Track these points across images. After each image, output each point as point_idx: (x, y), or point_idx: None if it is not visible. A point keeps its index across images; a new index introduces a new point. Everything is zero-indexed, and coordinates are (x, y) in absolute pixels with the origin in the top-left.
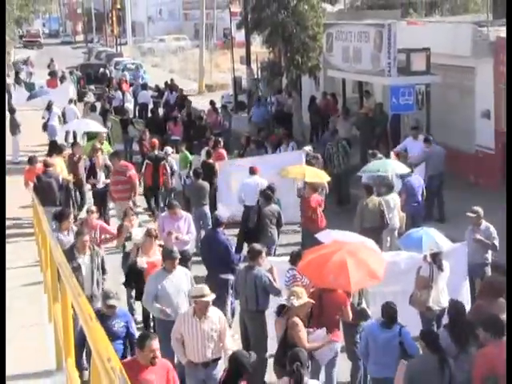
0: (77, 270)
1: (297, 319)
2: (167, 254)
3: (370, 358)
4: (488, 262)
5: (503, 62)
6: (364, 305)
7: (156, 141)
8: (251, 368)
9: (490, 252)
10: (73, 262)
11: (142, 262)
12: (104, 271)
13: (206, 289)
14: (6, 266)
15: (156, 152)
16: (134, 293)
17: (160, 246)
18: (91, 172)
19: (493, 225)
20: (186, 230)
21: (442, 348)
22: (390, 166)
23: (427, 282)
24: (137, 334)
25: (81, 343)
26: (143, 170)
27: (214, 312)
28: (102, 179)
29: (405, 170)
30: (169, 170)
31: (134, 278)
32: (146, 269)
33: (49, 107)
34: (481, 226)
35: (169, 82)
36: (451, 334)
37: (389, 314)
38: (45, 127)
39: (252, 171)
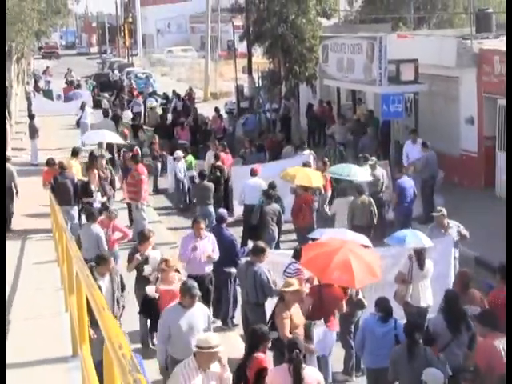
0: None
1: (283, 308)
2: (187, 291)
3: (366, 350)
4: (457, 256)
5: (486, 72)
6: (360, 295)
7: (127, 131)
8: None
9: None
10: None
11: (151, 290)
12: (123, 288)
13: (214, 339)
14: (28, 261)
15: (129, 141)
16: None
17: (176, 270)
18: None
19: (476, 222)
20: (210, 250)
21: (412, 336)
22: (352, 171)
23: (405, 277)
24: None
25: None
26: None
27: (216, 364)
28: (98, 198)
29: (366, 177)
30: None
31: (150, 307)
32: (163, 297)
33: (82, 107)
34: (449, 224)
35: (188, 91)
36: (446, 321)
37: (385, 308)
38: (78, 124)
39: (252, 173)
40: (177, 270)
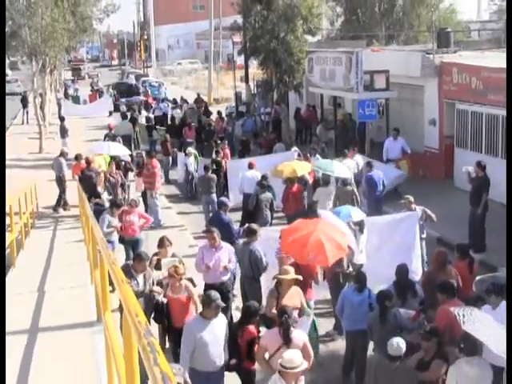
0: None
1: (274, 292)
2: (210, 302)
3: (345, 315)
4: (424, 237)
5: (446, 81)
6: (350, 269)
7: (112, 124)
8: (258, 316)
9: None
10: (132, 280)
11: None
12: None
13: (298, 358)
14: (60, 240)
15: (113, 132)
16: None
17: (188, 279)
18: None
19: (438, 208)
20: (226, 260)
21: (383, 303)
22: (333, 168)
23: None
24: None
25: None
26: None
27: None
28: (105, 197)
29: (346, 174)
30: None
31: (161, 314)
32: (171, 305)
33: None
34: (416, 209)
35: (196, 97)
36: (396, 291)
37: (361, 280)
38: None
39: (250, 166)
40: (191, 280)
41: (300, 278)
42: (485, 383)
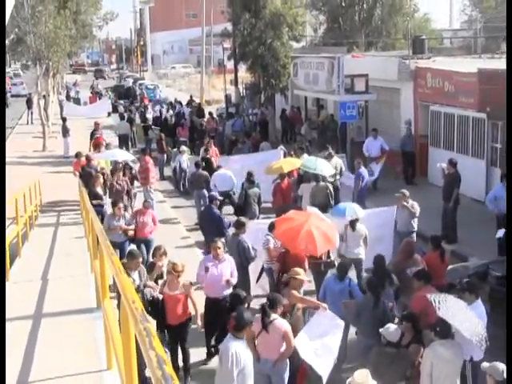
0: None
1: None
2: (245, 325)
3: (327, 302)
4: (414, 230)
5: (420, 84)
6: (332, 258)
7: (99, 122)
8: (245, 304)
9: (415, 223)
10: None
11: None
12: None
13: (369, 380)
14: (62, 233)
15: (99, 131)
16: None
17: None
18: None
19: (411, 200)
20: (229, 273)
21: (377, 291)
22: (317, 165)
23: (340, 237)
24: None
25: None
26: None
27: None
28: (107, 200)
29: (329, 172)
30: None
31: (154, 309)
32: (166, 302)
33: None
34: (408, 202)
35: (188, 99)
36: (375, 279)
37: (342, 269)
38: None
39: (218, 167)
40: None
41: (306, 279)
42: (457, 364)
